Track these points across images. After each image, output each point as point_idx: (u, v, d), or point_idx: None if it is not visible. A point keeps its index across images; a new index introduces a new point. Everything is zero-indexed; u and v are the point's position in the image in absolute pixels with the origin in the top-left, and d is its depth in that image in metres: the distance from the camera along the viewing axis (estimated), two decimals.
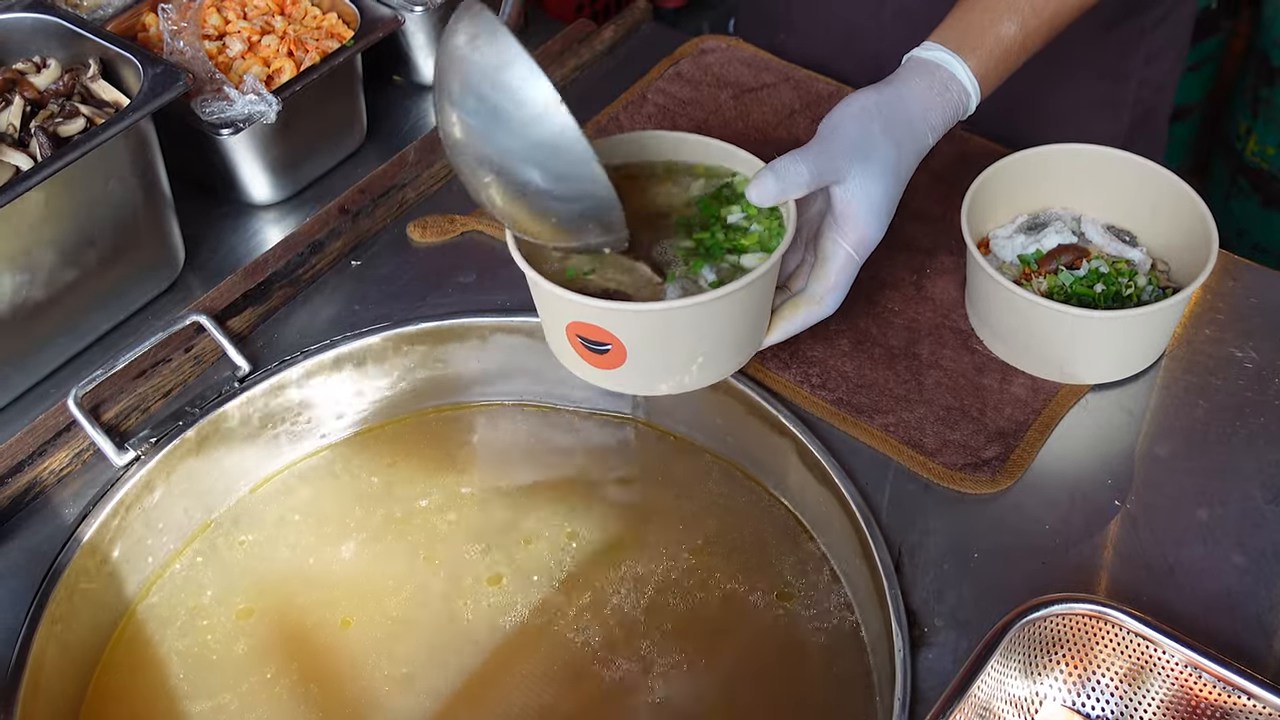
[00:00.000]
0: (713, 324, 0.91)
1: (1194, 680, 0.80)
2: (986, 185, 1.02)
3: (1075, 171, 1.05)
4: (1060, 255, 1.02)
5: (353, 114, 1.25)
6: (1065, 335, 0.97)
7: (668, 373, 0.94)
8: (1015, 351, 1.01)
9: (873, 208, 0.92)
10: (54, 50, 1.11)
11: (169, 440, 1.00)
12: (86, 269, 1.04)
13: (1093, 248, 1.04)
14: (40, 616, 0.91)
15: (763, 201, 0.91)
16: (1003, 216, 1.07)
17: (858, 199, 0.91)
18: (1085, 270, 1.01)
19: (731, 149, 0.99)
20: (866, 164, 0.91)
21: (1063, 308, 0.95)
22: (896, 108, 0.93)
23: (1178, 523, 0.92)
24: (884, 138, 0.92)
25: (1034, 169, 1.05)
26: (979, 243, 1.04)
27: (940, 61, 0.95)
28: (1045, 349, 0.99)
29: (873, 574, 0.92)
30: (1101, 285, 0.99)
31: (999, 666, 0.80)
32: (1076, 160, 1.05)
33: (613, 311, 0.89)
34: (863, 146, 0.91)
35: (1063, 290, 1.00)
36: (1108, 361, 1.00)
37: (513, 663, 0.97)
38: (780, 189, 0.90)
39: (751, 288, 0.88)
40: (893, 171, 0.92)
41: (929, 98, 0.95)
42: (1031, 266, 1.03)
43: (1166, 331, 1.00)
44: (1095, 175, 1.05)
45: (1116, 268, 1.01)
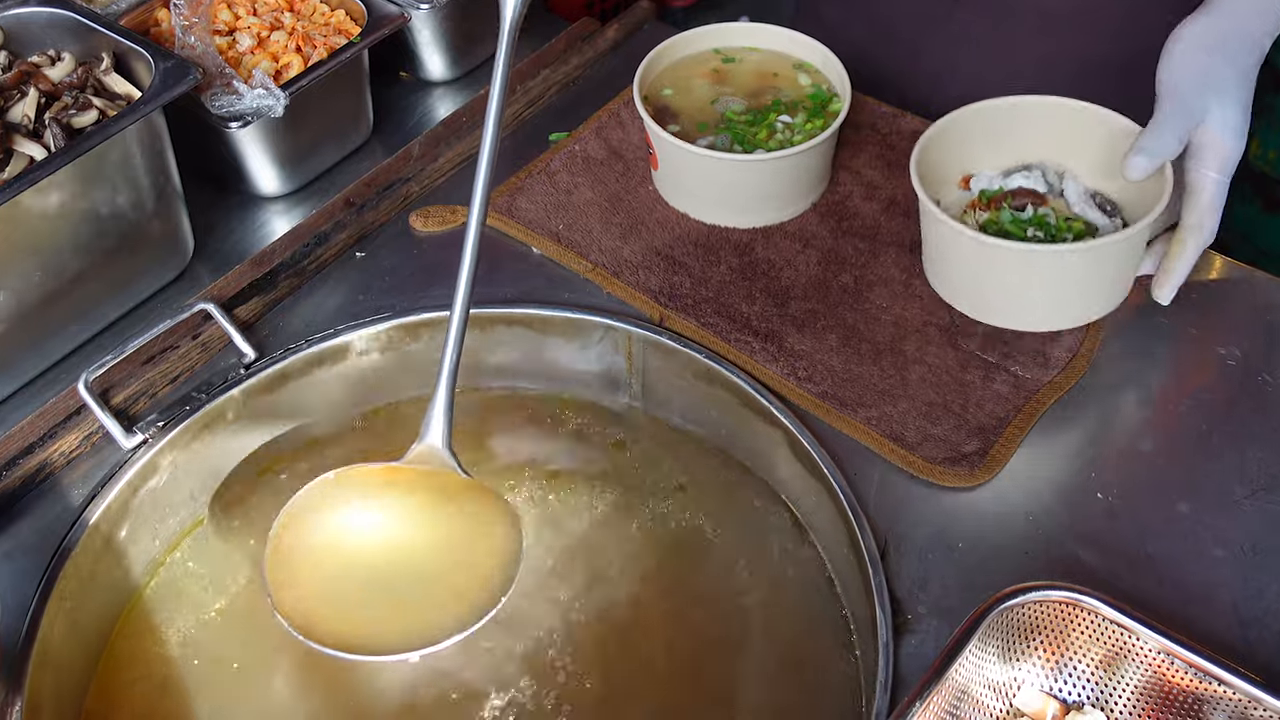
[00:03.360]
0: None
1: (1168, 667, 0.81)
2: (962, 120, 1.04)
3: (1077, 130, 1.05)
4: (1015, 197, 1.02)
5: (359, 109, 1.27)
6: (978, 266, 0.98)
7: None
8: (943, 283, 1.02)
9: (1235, 131, 0.95)
10: (68, 44, 1.14)
11: (176, 424, 1.02)
12: (98, 258, 1.06)
13: (1059, 202, 1.03)
14: (49, 594, 0.93)
15: (1140, 177, 0.95)
16: (995, 160, 1.07)
17: (1222, 130, 0.95)
18: (1029, 214, 1.01)
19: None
20: (1220, 97, 0.94)
21: (961, 228, 0.95)
22: (1228, 30, 0.96)
23: (1158, 515, 0.94)
24: (1225, 65, 0.95)
25: (1027, 117, 1.05)
26: (964, 178, 1.06)
27: None
28: (965, 281, 1.00)
29: (859, 562, 0.94)
30: (1039, 232, 0.99)
31: (977, 651, 0.82)
32: (1073, 117, 1.04)
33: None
34: (1210, 84, 0.95)
35: (996, 226, 1.00)
36: (1030, 305, 0.99)
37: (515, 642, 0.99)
38: (1154, 163, 0.95)
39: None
40: (1244, 91, 0.95)
41: (1255, 13, 0.97)
42: (982, 201, 1.04)
43: (1097, 282, 0.98)
44: (1095, 138, 1.04)
45: (1068, 224, 1.00)
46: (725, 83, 1.20)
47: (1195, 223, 0.98)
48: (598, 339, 1.10)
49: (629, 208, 1.18)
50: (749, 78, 1.20)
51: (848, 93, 1.14)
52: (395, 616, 0.83)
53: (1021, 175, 1.05)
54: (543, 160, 1.23)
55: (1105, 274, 0.98)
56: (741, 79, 1.20)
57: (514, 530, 0.84)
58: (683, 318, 1.08)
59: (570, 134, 1.26)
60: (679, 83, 1.20)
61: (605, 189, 1.20)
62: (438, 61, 1.36)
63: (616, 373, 1.13)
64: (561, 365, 1.13)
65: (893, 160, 1.21)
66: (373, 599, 0.84)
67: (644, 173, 1.21)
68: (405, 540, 0.86)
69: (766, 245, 1.14)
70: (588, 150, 1.24)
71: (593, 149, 1.24)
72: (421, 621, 0.81)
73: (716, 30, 1.22)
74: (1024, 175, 1.05)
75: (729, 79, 1.20)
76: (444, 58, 1.35)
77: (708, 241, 1.15)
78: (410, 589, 0.84)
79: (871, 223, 1.15)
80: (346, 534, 0.85)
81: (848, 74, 1.16)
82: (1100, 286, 0.99)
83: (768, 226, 1.16)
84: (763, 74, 1.20)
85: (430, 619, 0.81)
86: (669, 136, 1.11)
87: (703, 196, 1.15)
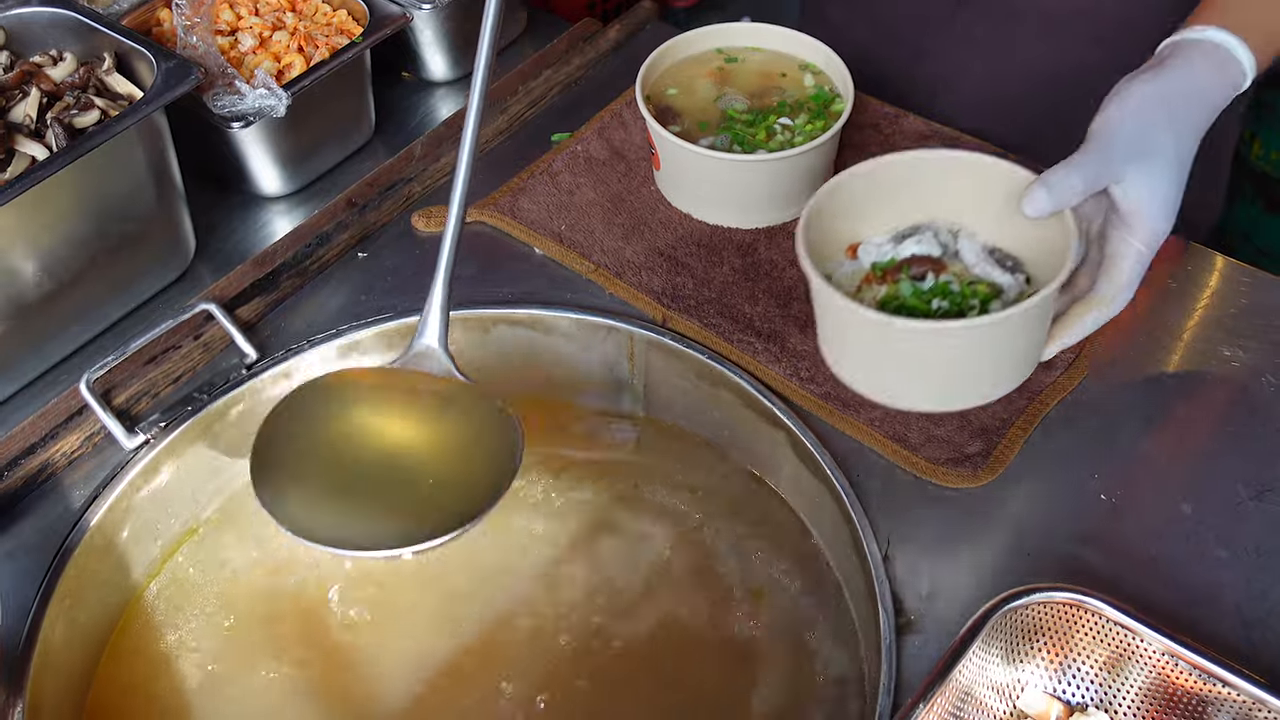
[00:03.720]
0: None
1: (1172, 669, 0.81)
2: (851, 184, 0.93)
3: (967, 182, 0.93)
4: (912, 265, 0.91)
5: (361, 109, 1.27)
6: (869, 343, 0.88)
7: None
8: (847, 368, 0.92)
9: (1160, 202, 0.88)
10: (70, 44, 1.14)
11: (178, 425, 1.02)
12: (99, 257, 1.06)
13: (958, 265, 0.92)
14: (51, 594, 0.93)
15: (1038, 214, 0.87)
16: (881, 222, 0.95)
17: (1143, 197, 0.88)
18: (930, 284, 0.90)
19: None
20: (1148, 160, 0.88)
21: (868, 313, 0.84)
22: (1175, 92, 0.91)
23: (1161, 516, 0.94)
24: (1166, 130, 0.89)
25: (921, 174, 0.94)
26: (850, 246, 0.95)
27: (1217, 41, 0.93)
28: (861, 360, 0.91)
29: (862, 564, 0.93)
30: (944, 302, 0.89)
31: (980, 653, 0.81)
32: (971, 170, 0.93)
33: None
34: (1142, 144, 0.88)
35: (898, 302, 0.90)
36: (923, 385, 0.90)
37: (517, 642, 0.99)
38: (1055, 202, 0.86)
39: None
40: (1176, 162, 0.89)
41: (1209, 76, 0.92)
42: (876, 274, 0.93)
43: (994, 359, 0.88)
44: (988, 190, 0.92)
45: (972, 288, 0.89)
46: (728, 83, 1.20)
47: (1109, 295, 0.91)
48: (600, 340, 1.10)
49: (631, 208, 1.18)
50: (752, 78, 1.20)
51: (850, 93, 1.14)
52: (387, 515, 0.82)
53: (913, 242, 0.93)
54: (545, 161, 1.23)
55: (1032, 337, 0.90)
56: (744, 79, 1.20)
57: (512, 435, 0.83)
58: (685, 318, 1.08)
59: (572, 134, 1.26)
60: (682, 83, 1.20)
61: (607, 189, 1.20)
62: (440, 61, 1.35)
63: (619, 374, 1.12)
64: (563, 366, 1.13)
65: None
66: (363, 498, 0.83)
67: (646, 173, 1.21)
68: (398, 441, 0.85)
69: (769, 246, 1.14)
70: (590, 151, 1.24)
71: (595, 149, 1.24)
72: (414, 521, 0.80)
73: (719, 30, 1.22)
74: (916, 241, 0.93)
75: (732, 79, 1.20)
76: (446, 58, 1.35)
77: (710, 242, 1.14)
78: (403, 489, 0.83)
79: None
80: (336, 435, 0.84)
81: (851, 75, 1.16)
82: (1028, 349, 0.91)
83: (770, 227, 1.15)
84: (766, 74, 1.20)
85: (424, 519, 0.80)
86: (671, 136, 1.10)
87: (705, 197, 1.15)
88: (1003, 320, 0.84)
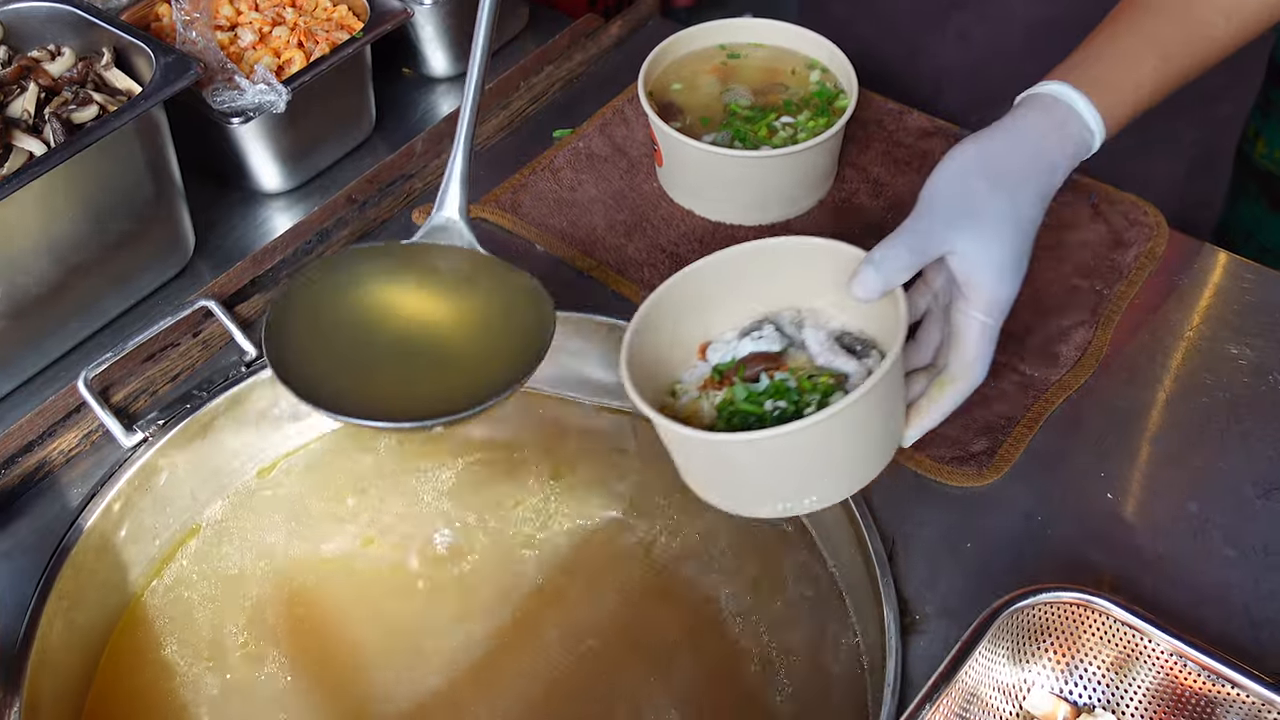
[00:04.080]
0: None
1: (1180, 669, 0.80)
2: (696, 277, 0.88)
3: (812, 267, 0.88)
4: (748, 365, 0.87)
5: (361, 105, 1.26)
6: (719, 463, 0.83)
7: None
8: (695, 482, 0.86)
9: (994, 269, 0.83)
10: (68, 38, 1.13)
11: (177, 423, 1.01)
12: (98, 254, 1.05)
13: (800, 357, 0.88)
14: (48, 594, 0.92)
15: (869, 296, 0.83)
16: (735, 315, 0.91)
17: (977, 264, 0.83)
18: (765, 384, 0.85)
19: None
20: (977, 226, 0.83)
21: (683, 431, 0.79)
22: (1004, 153, 0.86)
23: (1168, 515, 0.93)
24: (992, 193, 0.84)
25: (765, 263, 0.89)
26: (700, 346, 0.90)
27: (1058, 95, 0.89)
28: (714, 477, 0.85)
29: (865, 562, 0.93)
30: (780, 402, 0.84)
31: (987, 653, 0.81)
32: (812, 255, 0.88)
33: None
34: (968, 209, 0.84)
35: (731, 407, 0.85)
36: (745, 492, 0.85)
37: (518, 643, 0.98)
38: (884, 281, 0.82)
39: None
40: (1010, 224, 0.84)
41: (1045, 134, 0.88)
42: (714, 378, 0.88)
43: (828, 458, 0.82)
44: (835, 272, 0.86)
45: (812, 382, 0.85)
46: (731, 79, 1.19)
47: (959, 372, 0.86)
48: (601, 337, 1.09)
49: (633, 205, 1.17)
50: (755, 74, 1.19)
51: (854, 90, 1.13)
52: (413, 389, 0.78)
53: (752, 339, 0.89)
54: (546, 157, 1.22)
55: (866, 432, 0.83)
56: (748, 75, 1.19)
57: (543, 307, 0.80)
58: None
59: (574, 131, 1.25)
60: (685, 79, 1.19)
61: (609, 186, 1.19)
62: (440, 58, 1.35)
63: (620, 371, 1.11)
64: (564, 364, 1.12)
65: (899, 158, 1.20)
66: (387, 371, 0.79)
67: (648, 169, 1.21)
68: (421, 316, 0.81)
69: None
70: (591, 147, 1.23)
71: (597, 146, 1.23)
72: (442, 394, 0.77)
73: (722, 26, 1.21)
74: (755, 338, 0.89)
75: (735, 75, 1.19)
76: (447, 54, 1.35)
77: (713, 239, 1.14)
78: (428, 363, 0.80)
79: (877, 220, 1.14)
80: (356, 309, 0.81)
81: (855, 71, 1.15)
82: (869, 442, 0.84)
83: (773, 224, 1.15)
84: (769, 70, 1.19)
85: (452, 390, 0.76)
86: (674, 132, 1.10)
87: (708, 193, 1.14)
88: (808, 427, 0.77)
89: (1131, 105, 0.91)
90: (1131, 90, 0.91)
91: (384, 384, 0.79)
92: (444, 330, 0.82)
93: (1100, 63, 0.91)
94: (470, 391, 0.77)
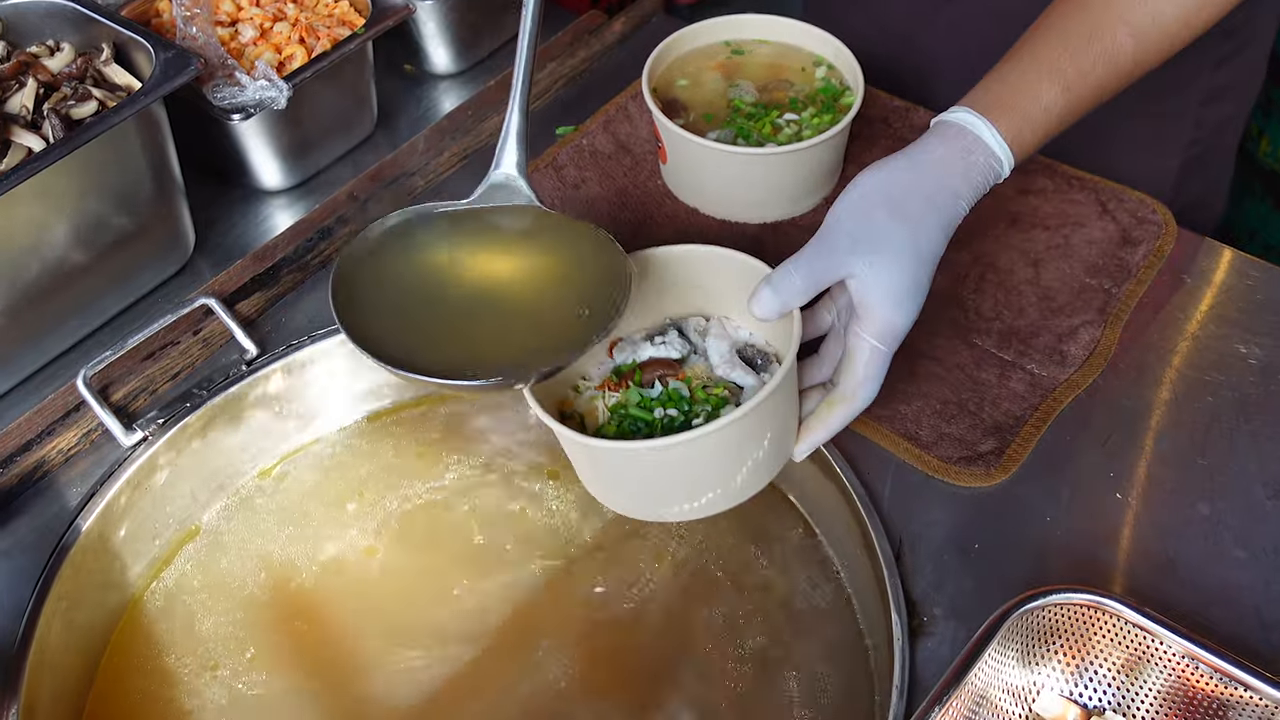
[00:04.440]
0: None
1: (1191, 671, 0.80)
2: None
3: (725, 277, 0.90)
4: (649, 369, 0.88)
5: (363, 101, 1.26)
6: (574, 454, 0.87)
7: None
8: (593, 486, 0.89)
9: (890, 297, 0.84)
10: (68, 34, 1.12)
11: (176, 422, 1.01)
12: (97, 251, 1.04)
13: (700, 365, 0.90)
14: (46, 594, 0.91)
15: (766, 316, 0.85)
16: (646, 316, 0.93)
17: (872, 291, 0.84)
18: (658, 391, 0.87)
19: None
20: (875, 254, 0.85)
21: (567, 433, 0.81)
22: (906, 183, 0.87)
23: (1179, 516, 0.92)
24: (891, 221, 0.85)
25: (681, 269, 0.91)
26: (611, 343, 0.92)
27: (964, 124, 0.90)
28: (605, 478, 0.88)
29: (873, 563, 0.92)
30: (671, 410, 0.85)
31: (996, 655, 0.80)
32: (724, 265, 0.90)
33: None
34: (866, 236, 0.85)
35: (623, 410, 0.87)
36: (618, 494, 0.88)
37: (518, 649, 0.98)
38: (781, 302, 0.85)
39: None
40: (909, 253, 0.85)
41: (949, 163, 0.88)
42: (613, 379, 0.90)
43: (714, 469, 0.83)
44: (741, 287, 0.88)
45: (706, 392, 0.87)
46: (736, 75, 1.18)
47: (849, 392, 0.87)
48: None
49: (637, 202, 1.17)
50: (760, 70, 1.18)
51: (860, 87, 1.12)
52: (486, 347, 0.78)
53: (653, 344, 0.90)
54: (549, 155, 1.22)
55: (745, 448, 0.84)
56: (753, 72, 1.18)
57: (616, 256, 0.81)
58: None
59: (577, 128, 1.24)
60: (689, 75, 1.18)
61: (613, 183, 1.18)
62: (443, 54, 1.34)
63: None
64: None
65: None
66: (460, 330, 0.79)
67: (652, 167, 1.20)
68: (492, 274, 0.81)
69: (777, 240, 1.12)
70: (595, 144, 1.22)
71: (600, 143, 1.22)
72: (520, 352, 0.77)
73: (727, 22, 1.20)
74: (656, 343, 0.90)
75: (740, 72, 1.18)
76: (449, 50, 1.34)
77: (717, 236, 1.13)
78: (503, 320, 0.80)
79: None
80: (419, 269, 0.81)
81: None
82: (757, 456, 0.85)
83: (778, 221, 1.14)
84: (774, 66, 1.18)
85: (531, 347, 0.77)
86: (678, 129, 1.09)
87: (712, 191, 1.13)
88: (688, 441, 0.78)
89: (1042, 130, 0.92)
90: (1040, 114, 0.91)
91: (462, 344, 0.79)
92: (517, 287, 0.82)
93: (1007, 88, 0.92)
94: (553, 346, 0.77)
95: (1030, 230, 1.11)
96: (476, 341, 0.80)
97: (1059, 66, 0.91)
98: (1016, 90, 0.91)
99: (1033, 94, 0.91)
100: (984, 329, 1.04)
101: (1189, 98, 1.27)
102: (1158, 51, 0.95)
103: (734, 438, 0.82)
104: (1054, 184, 1.15)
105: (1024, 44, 0.95)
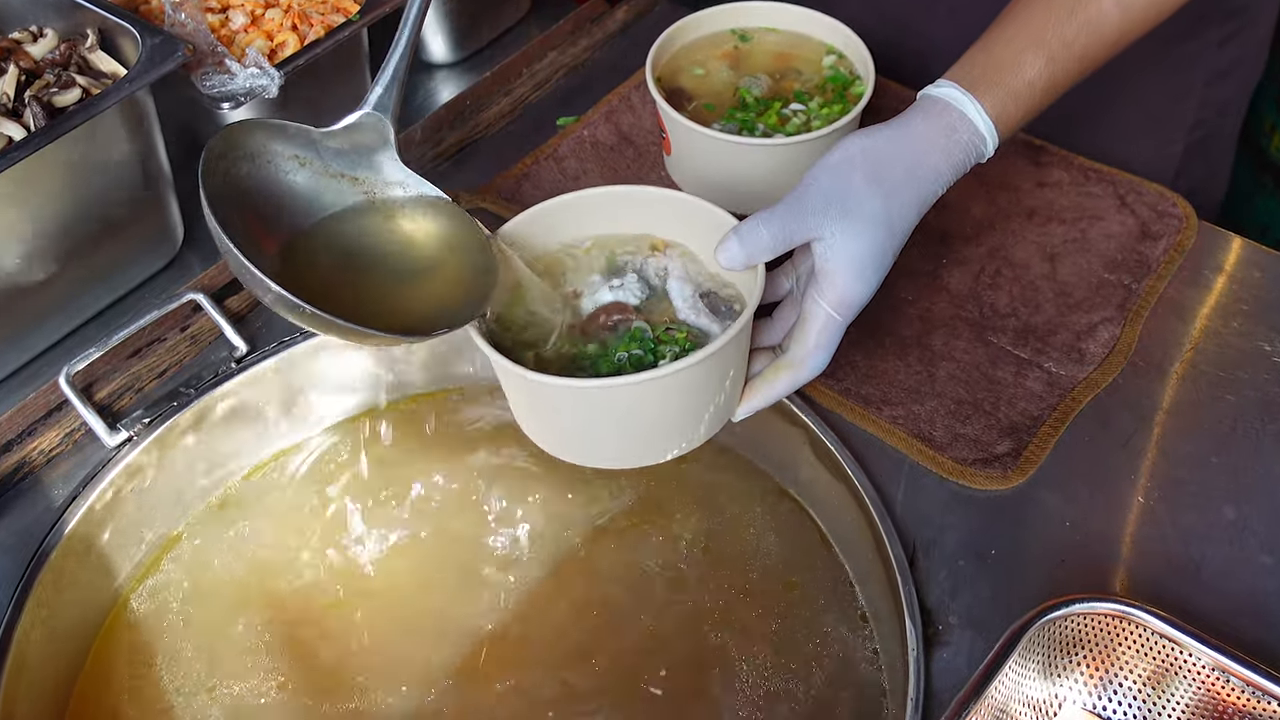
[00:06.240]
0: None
1: (1220, 684, 0.76)
2: (578, 206, 0.91)
3: (688, 224, 0.90)
4: (605, 315, 0.87)
5: (358, 90, 1.22)
6: (514, 391, 0.86)
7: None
8: (537, 432, 0.89)
9: (854, 265, 0.83)
10: (51, 20, 1.09)
11: (163, 421, 0.98)
12: (81, 244, 1.01)
13: (664, 307, 0.88)
14: (26, 600, 0.89)
15: (731, 266, 0.85)
16: (601, 253, 0.92)
17: (837, 256, 0.84)
18: (620, 336, 0.86)
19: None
20: (846, 219, 0.83)
21: (514, 369, 0.79)
22: (888, 154, 0.86)
23: (1203, 520, 0.89)
24: (868, 188, 0.84)
25: (642, 208, 0.91)
26: (572, 291, 0.90)
27: (950, 99, 0.88)
28: (530, 414, 0.87)
29: (886, 570, 0.89)
30: (635, 350, 0.84)
31: (1017, 667, 0.76)
32: (691, 213, 0.90)
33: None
34: (840, 200, 0.84)
35: (585, 356, 0.86)
36: (553, 436, 0.87)
37: (514, 649, 0.95)
38: (746, 254, 0.84)
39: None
40: (881, 224, 0.84)
41: (932, 139, 0.87)
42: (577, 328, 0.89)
43: (656, 417, 0.83)
44: (705, 234, 0.88)
45: (668, 334, 0.85)
46: (743, 65, 1.14)
47: (797, 359, 0.86)
48: None
49: None
50: (767, 59, 1.15)
51: (871, 75, 1.09)
52: (390, 309, 0.81)
53: (610, 288, 0.89)
54: (550, 146, 1.19)
55: (696, 399, 0.83)
56: (759, 60, 1.15)
57: (484, 254, 0.84)
58: None
59: (579, 119, 1.22)
60: (695, 64, 1.15)
61: (616, 175, 1.16)
62: (440, 43, 1.31)
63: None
64: None
65: None
66: (368, 292, 0.82)
67: (656, 159, 1.17)
68: (382, 249, 0.85)
69: None
70: (597, 135, 1.19)
71: (602, 134, 1.19)
72: (405, 311, 0.81)
73: (733, 9, 1.17)
74: (615, 287, 0.89)
75: (746, 61, 1.15)
76: (447, 39, 1.31)
77: None
78: (397, 281, 0.83)
79: None
80: (332, 238, 0.85)
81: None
82: (707, 406, 0.84)
83: None
84: (782, 55, 1.15)
85: (411, 313, 0.81)
86: (684, 120, 1.05)
87: (719, 183, 1.10)
88: (639, 382, 0.78)
89: (1025, 104, 0.90)
90: (1024, 89, 0.89)
91: (367, 306, 0.81)
92: (402, 263, 0.85)
93: (992, 61, 0.90)
94: (424, 320, 0.80)
95: (1047, 224, 1.08)
96: (384, 300, 0.82)
97: (1043, 37, 0.90)
98: (1001, 63, 0.90)
99: (1016, 66, 0.89)
100: (1000, 326, 1.00)
101: (1194, 77, 1.25)
102: (1143, 20, 0.92)
103: (696, 380, 0.81)
104: (1070, 176, 1.12)
105: (1009, 13, 0.93)
